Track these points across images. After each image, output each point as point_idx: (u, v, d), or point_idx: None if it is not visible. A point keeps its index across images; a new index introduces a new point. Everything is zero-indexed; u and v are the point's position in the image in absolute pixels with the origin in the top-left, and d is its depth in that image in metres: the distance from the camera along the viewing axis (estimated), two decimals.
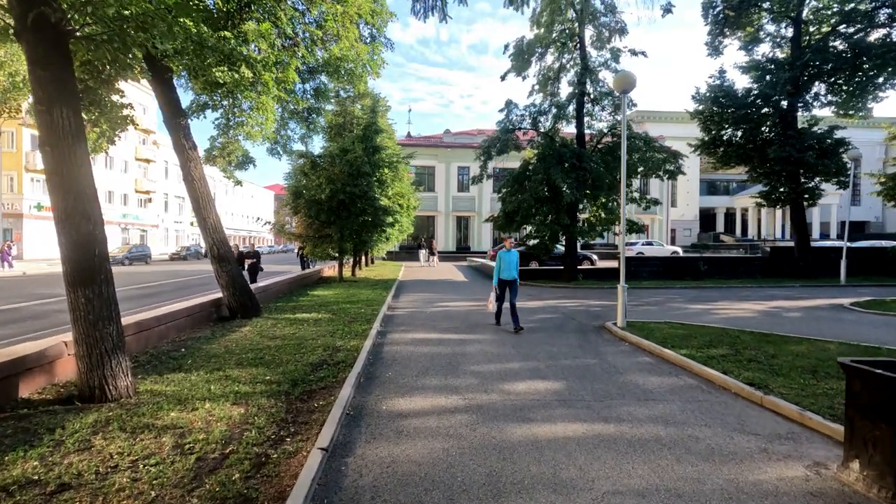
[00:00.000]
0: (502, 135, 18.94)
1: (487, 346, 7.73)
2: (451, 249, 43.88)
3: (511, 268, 9.12)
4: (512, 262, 9.15)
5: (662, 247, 40.46)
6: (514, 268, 9.14)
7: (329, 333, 8.11)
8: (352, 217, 17.48)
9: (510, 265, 9.14)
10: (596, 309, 11.83)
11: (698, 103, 21.46)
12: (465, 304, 12.78)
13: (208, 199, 9.51)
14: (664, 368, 6.45)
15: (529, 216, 18.49)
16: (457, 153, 43.88)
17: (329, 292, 14.41)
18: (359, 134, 18.03)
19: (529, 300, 13.55)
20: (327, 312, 10.42)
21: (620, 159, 19.30)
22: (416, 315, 10.83)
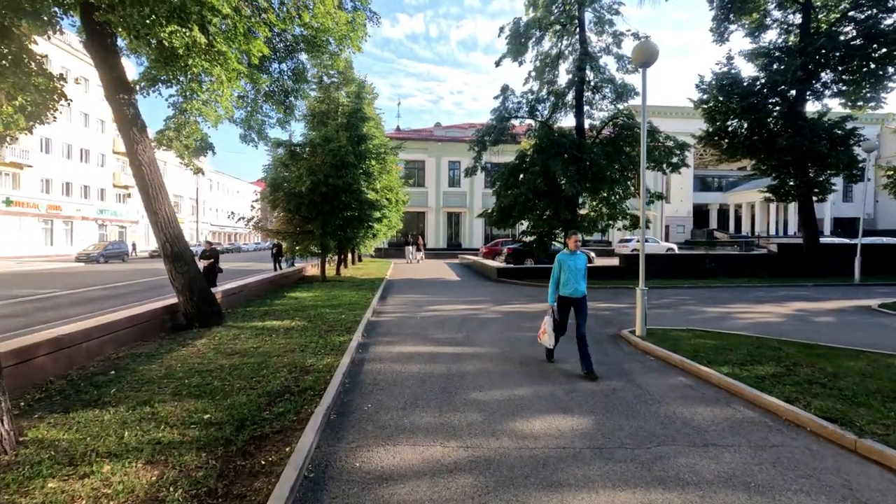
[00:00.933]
0: (498, 123, 17.68)
1: (488, 361, 6.48)
2: (442, 246, 42.61)
3: (579, 278, 6.24)
4: (579, 271, 6.25)
5: (658, 243, 39.59)
6: (582, 278, 6.28)
7: (300, 347, 6.79)
8: (335, 212, 16.11)
9: (577, 274, 6.23)
10: (606, 313, 10.64)
11: (702, 93, 20.38)
12: (460, 307, 11.52)
13: (160, 187, 8.12)
14: (709, 393, 5.24)
15: (526, 211, 17.28)
16: (448, 147, 42.56)
17: (308, 294, 13.06)
18: (343, 122, 16.64)
19: (529, 302, 12.34)
20: (302, 319, 9.09)
21: (623, 151, 18.31)
22: (404, 321, 9.54)
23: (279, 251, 20.83)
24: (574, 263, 6.24)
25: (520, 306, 11.67)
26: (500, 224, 18.84)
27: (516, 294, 14.23)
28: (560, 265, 6.31)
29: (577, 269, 6.24)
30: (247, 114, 12.48)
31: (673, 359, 6.52)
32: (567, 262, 6.25)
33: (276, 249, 21.15)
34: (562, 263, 6.29)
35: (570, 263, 6.24)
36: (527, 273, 18.91)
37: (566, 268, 6.24)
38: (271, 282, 14.66)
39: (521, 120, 18.54)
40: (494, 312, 10.68)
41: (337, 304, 11.02)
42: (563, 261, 6.31)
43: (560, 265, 6.31)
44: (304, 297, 12.35)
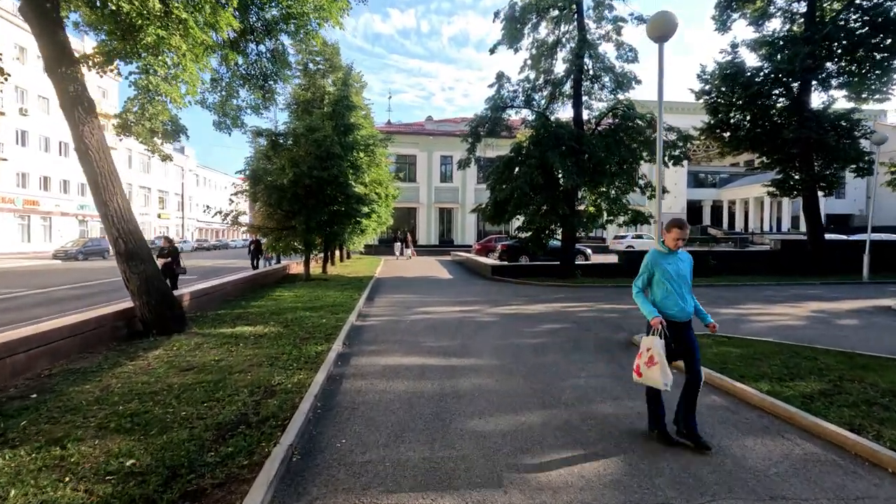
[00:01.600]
0: (492, 113, 16.74)
1: (487, 376, 5.58)
2: (434, 243, 41.68)
3: (684, 290, 4.01)
4: (684, 278, 4.03)
5: (653, 240, 39.03)
6: (689, 291, 4.08)
7: (269, 360, 5.84)
8: (320, 206, 15.11)
9: (681, 284, 4.01)
10: (611, 315, 9.79)
11: (704, 83, 19.61)
12: (453, 308, 10.62)
13: (111, 176, 7.12)
14: (752, 419, 4.39)
15: (522, 206, 16.39)
16: (439, 141, 41.57)
17: (290, 294, 12.08)
18: (328, 111, 15.62)
19: (528, 303, 11.47)
20: (278, 324, 8.13)
21: (622, 143, 17.46)
22: (391, 326, 8.62)
23: (257, 248, 19.66)
24: (676, 267, 4.00)
25: (518, 308, 10.80)
26: (494, 220, 17.94)
27: (513, 294, 13.36)
28: (653, 268, 4.04)
29: (681, 275, 4.01)
30: (221, 98, 11.47)
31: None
32: (665, 266, 3.99)
33: (253, 246, 19.90)
34: (656, 266, 4.02)
35: (669, 267, 3.98)
36: (523, 271, 18.06)
37: (664, 274, 3.97)
38: (251, 281, 13.66)
39: (517, 110, 17.64)
40: (491, 315, 9.80)
41: (319, 306, 10.07)
42: (658, 262, 4.03)
43: (653, 268, 4.04)
44: (285, 298, 11.37)
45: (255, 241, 19.19)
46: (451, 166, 42.36)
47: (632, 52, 17.21)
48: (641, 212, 16.68)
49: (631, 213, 16.49)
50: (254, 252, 20.02)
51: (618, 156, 16.40)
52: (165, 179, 63.33)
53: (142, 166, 58.31)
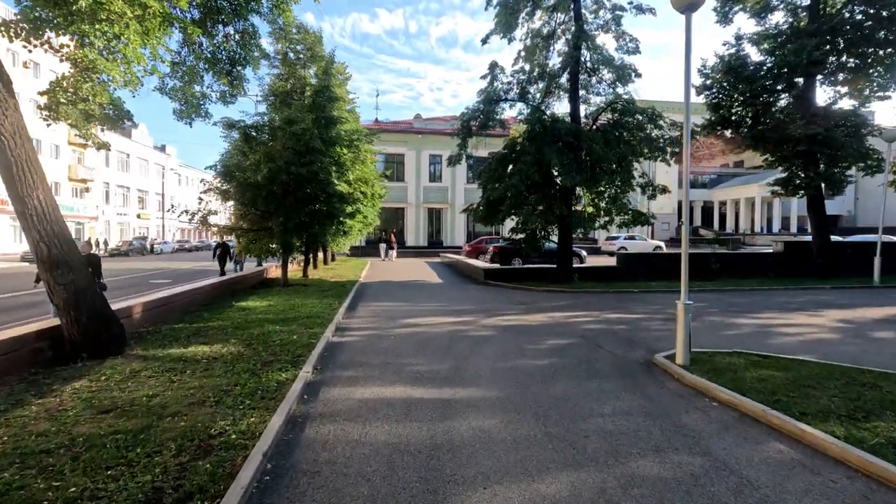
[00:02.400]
0: (485, 106, 15.64)
1: (489, 416, 4.48)
2: (423, 244, 40.52)
3: None
4: None
5: (646, 241, 38.42)
6: None
7: (216, 395, 4.67)
8: (299, 205, 13.90)
9: None
10: (620, 328, 8.75)
11: (705, 77, 18.77)
12: (444, 319, 9.50)
13: (30, 167, 5.88)
14: (842, 483, 3.34)
15: (517, 205, 15.33)
16: (428, 140, 40.43)
17: (262, 303, 10.86)
18: (308, 102, 14.40)
19: (526, 312, 10.40)
20: (240, 342, 6.94)
21: (622, 140, 16.52)
22: (373, 343, 7.47)
23: (225, 252, 17.64)
24: None
25: (516, 318, 9.72)
26: (486, 220, 16.86)
27: (508, 301, 12.28)
28: None
29: None
30: (183, 83, 10.23)
31: (746, 406, 4.62)
32: None
33: (220, 250, 17.71)
34: None
35: None
36: (517, 275, 17.00)
37: None
38: (220, 287, 12.40)
39: (511, 104, 16.57)
40: (487, 328, 8.70)
41: (292, 318, 8.88)
42: None
43: None
44: (255, 308, 10.15)
45: (223, 244, 17.50)
46: (441, 165, 41.26)
47: (632, 43, 16.26)
48: (642, 212, 15.73)
49: (631, 214, 15.53)
50: (221, 255, 17.58)
51: (617, 152, 15.45)
52: (145, 179, 61.34)
53: (119, 164, 56.29)
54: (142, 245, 46.51)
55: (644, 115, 15.89)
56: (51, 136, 45.27)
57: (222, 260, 17.45)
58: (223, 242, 17.31)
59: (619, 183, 15.86)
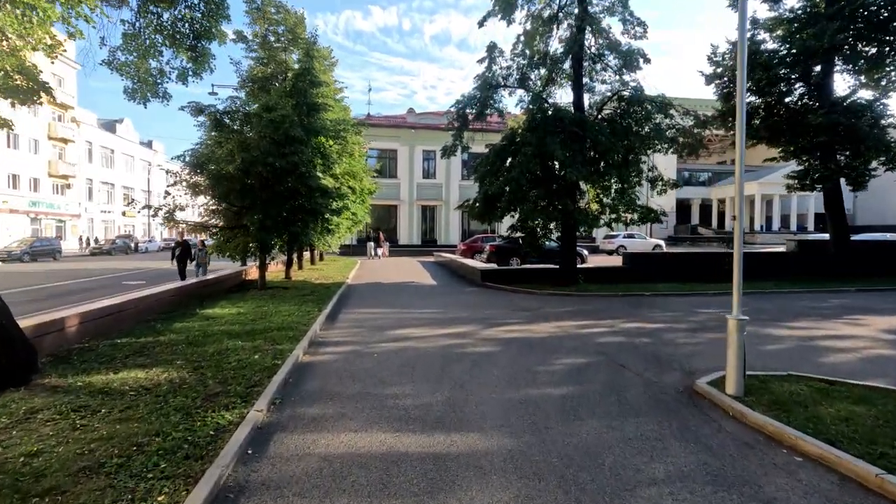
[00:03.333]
0: (482, 92, 14.35)
1: (497, 485, 3.22)
2: (416, 243, 39.22)
3: None
4: None
5: (645, 239, 37.38)
6: None
7: (120, 456, 3.38)
8: (278, 200, 12.60)
9: None
10: (642, 340, 7.54)
11: (716, 66, 17.64)
12: (437, 331, 8.24)
13: None
14: None
15: (517, 201, 14.11)
16: (422, 135, 39.10)
17: (230, 311, 9.54)
18: (288, 86, 13.06)
19: (531, 321, 9.17)
20: (187, 365, 5.65)
21: (629, 130, 15.32)
22: (352, 364, 6.18)
23: (185, 252, 15.15)
24: None
25: (520, 328, 8.49)
26: (483, 217, 15.62)
27: (509, 306, 11.06)
28: None
29: None
30: (137, 58, 8.90)
31: (847, 466, 3.40)
32: None
33: (179, 250, 15.16)
34: None
35: None
36: (517, 276, 15.77)
37: None
38: (185, 292, 11.06)
39: (511, 90, 15.30)
40: (488, 341, 7.46)
41: (261, 330, 7.59)
42: None
43: None
44: (221, 317, 8.84)
45: (182, 243, 15.18)
46: (435, 162, 39.98)
47: (640, 27, 15.04)
48: (653, 209, 14.56)
49: (641, 210, 14.35)
50: (180, 256, 15.00)
51: (625, 144, 14.27)
52: (130, 175, 59.60)
53: (103, 160, 54.56)
54: (125, 244, 44.82)
55: (653, 103, 14.69)
56: (29, 131, 43.51)
57: (182, 262, 15.01)
58: (183, 241, 15.39)
59: (627, 177, 14.68)
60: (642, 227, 42.95)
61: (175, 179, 12.21)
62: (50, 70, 46.15)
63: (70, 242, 47.98)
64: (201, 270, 15.02)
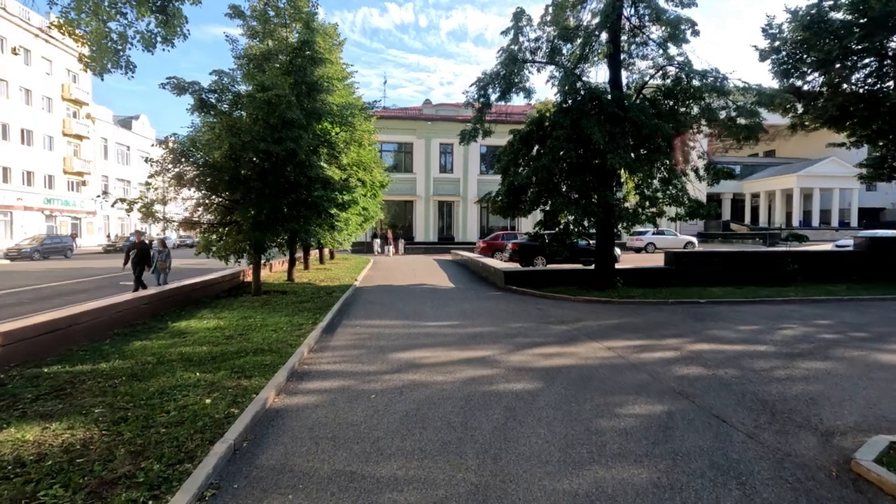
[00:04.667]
0: (507, 67, 12.47)
1: None
2: (433, 240, 37.55)
3: None
4: None
5: (676, 236, 35.08)
6: None
7: None
8: (275, 192, 11.04)
9: None
10: (728, 373, 5.66)
11: (772, 39, 15.49)
12: (456, 353, 6.50)
13: None
14: None
15: (547, 192, 12.27)
16: (439, 127, 37.34)
17: (207, 324, 7.95)
18: (285, 60, 11.43)
19: (574, 341, 7.34)
20: (105, 417, 4.01)
21: (677, 113, 13.27)
22: (336, 416, 4.39)
23: (143, 255, 11.92)
24: None
25: (560, 349, 6.69)
26: (507, 211, 13.80)
27: (540, 317, 9.25)
28: None
29: None
30: (92, 18, 7.37)
31: None
32: None
33: (137, 253, 11.91)
34: None
35: None
36: (544, 278, 13.89)
37: None
38: (166, 299, 9.53)
39: (540, 67, 13.38)
40: (523, 373, 5.67)
41: (231, 354, 5.96)
42: None
43: None
44: (192, 333, 7.25)
45: (139, 245, 12.02)
46: (452, 156, 38.23)
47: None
48: (702, 202, 12.57)
49: (690, 205, 12.36)
50: (137, 260, 11.80)
51: (673, 126, 12.31)
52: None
53: (119, 157, 54.25)
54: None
55: (704, 80, 12.65)
56: (43, 127, 43.14)
57: (139, 267, 11.77)
58: (140, 242, 12.05)
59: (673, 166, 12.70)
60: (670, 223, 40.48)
61: (156, 168, 10.70)
62: (64, 66, 45.88)
63: (86, 239, 47.72)
64: (161, 278, 12.09)
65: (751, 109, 12.23)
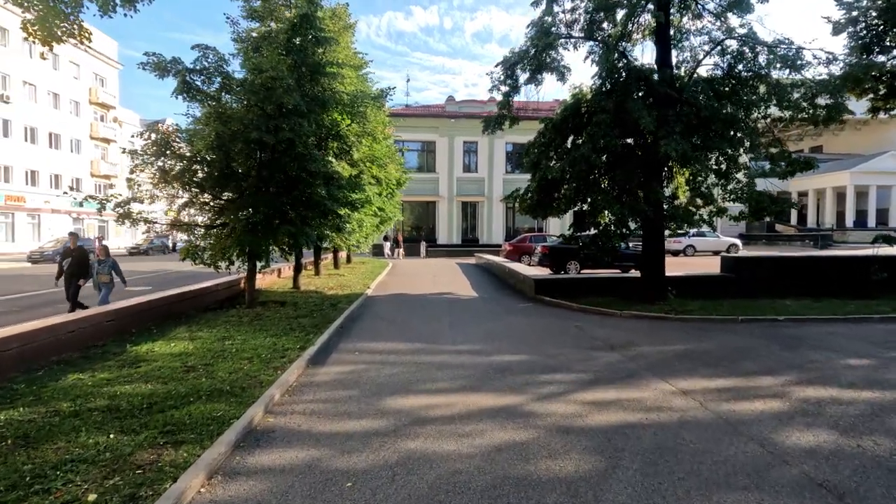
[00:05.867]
0: (536, 42, 10.68)
1: None
2: (456, 242, 35.90)
3: None
4: None
5: (718, 238, 32.44)
6: None
7: None
8: (277, 190, 9.64)
9: None
10: (881, 445, 3.83)
11: (847, 9, 13.27)
12: (476, 400, 4.84)
13: None
14: None
15: (587, 187, 10.49)
16: (462, 125, 35.68)
17: (173, 348, 6.49)
18: (282, 40, 9.99)
19: (633, 380, 5.54)
20: None
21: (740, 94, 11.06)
22: None
23: (81, 266, 9.38)
24: None
25: (618, 395, 4.94)
26: (537, 210, 12.04)
27: (583, 340, 7.49)
28: None
29: None
30: None
31: None
32: None
33: (71, 263, 9.33)
34: None
35: None
36: (580, 287, 12.05)
37: None
38: (146, 312, 8.18)
39: (578, 42, 11.55)
40: (572, 444, 3.89)
41: (180, 397, 4.46)
42: None
43: None
44: (151, 362, 5.79)
45: (74, 251, 9.45)
46: (476, 154, 36.53)
47: None
48: (774, 196, 10.56)
49: (758, 200, 10.35)
50: (70, 273, 9.28)
51: (740, 108, 10.38)
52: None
53: None
54: (163, 243, 44.14)
55: (774, 53, 10.63)
56: (71, 131, 43.52)
57: (73, 280, 9.26)
58: (74, 248, 9.51)
59: (735, 153, 10.73)
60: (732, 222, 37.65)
61: (137, 162, 9.40)
62: (92, 70, 46.26)
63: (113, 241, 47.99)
64: (103, 293, 9.17)
65: (836, 84, 10.14)
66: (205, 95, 9.11)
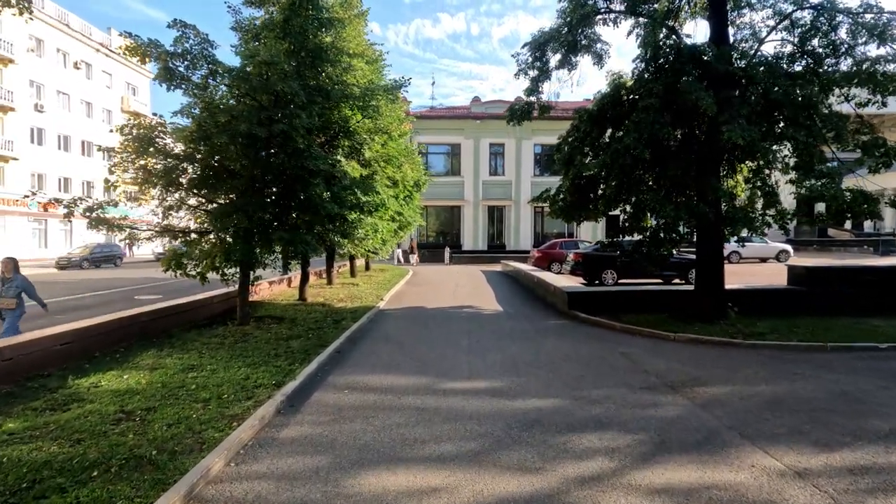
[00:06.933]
0: (571, 14, 9.13)
1: None
2: (482, 248, 34.36)
3: None
4: None
5: (766, 244, 29.71)
6: None
7: None
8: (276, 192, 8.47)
9: None
10: None
11: None
12: (495, 480, 3.42)
13: None
14: None
15: (630, 185, 8.91)
16: (488, 127, 34.17)
17: (125, 380, 5.27)
18: (279, 19, 8.81)
19: (711, 446, 3.96)
20: None
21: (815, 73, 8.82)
22: None
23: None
24: None
25: (698, 474, 3.41)
26: (570, 213, 10.50)
27: (634, 376, 5.92)
28: None
29: None
30: None
31: None
32: None
33: None
34: None
35: None
36: (621, 302, 10.41)
37: None
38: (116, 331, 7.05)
39: (619, 17, 9.93)
40: None
41: (76, 471, 3.20)
42: None
43: None
44: (83, 403, 4.57)
45: None
46: (503, 157, 34.93)
47: None
48: (868, 194, 8.71)
49: (849, 199, 8.52)
50: None
51: (815, 89, 8.61)
52: None
53: None
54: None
55: (858, 21, 8.83)
56: (101, 139, 44.26)
57: None
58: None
59: (813, 146, 8.92)
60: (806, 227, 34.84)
61: (116, 160, 8.39)
62: (124, 79, 47.09)
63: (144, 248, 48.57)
64: (8, 322, 6.94)
65: None
66: (188, 83, 8.00)
